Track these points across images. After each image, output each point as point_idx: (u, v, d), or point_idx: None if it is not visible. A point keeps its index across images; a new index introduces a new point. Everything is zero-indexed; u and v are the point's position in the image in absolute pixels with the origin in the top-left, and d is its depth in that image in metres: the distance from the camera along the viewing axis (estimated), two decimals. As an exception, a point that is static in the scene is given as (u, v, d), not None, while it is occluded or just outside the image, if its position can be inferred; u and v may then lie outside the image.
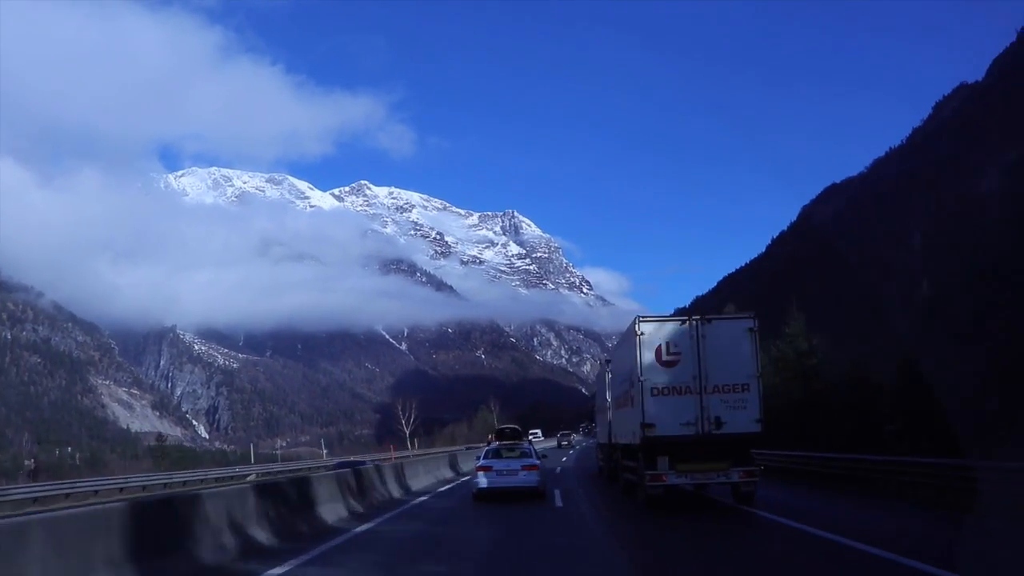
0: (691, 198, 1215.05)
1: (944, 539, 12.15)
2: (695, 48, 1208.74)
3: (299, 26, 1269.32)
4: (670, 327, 17.32)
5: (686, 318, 17.38)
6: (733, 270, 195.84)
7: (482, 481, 22.18)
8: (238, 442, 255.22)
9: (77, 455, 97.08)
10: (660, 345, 17.11)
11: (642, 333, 17.21)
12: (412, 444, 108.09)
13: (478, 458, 24.53)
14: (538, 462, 23.09)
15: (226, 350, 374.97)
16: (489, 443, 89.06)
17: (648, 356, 17.06)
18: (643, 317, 17.47)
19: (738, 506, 17.83)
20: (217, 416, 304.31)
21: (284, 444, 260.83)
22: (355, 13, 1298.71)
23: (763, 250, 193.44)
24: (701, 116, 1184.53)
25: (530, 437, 79.42)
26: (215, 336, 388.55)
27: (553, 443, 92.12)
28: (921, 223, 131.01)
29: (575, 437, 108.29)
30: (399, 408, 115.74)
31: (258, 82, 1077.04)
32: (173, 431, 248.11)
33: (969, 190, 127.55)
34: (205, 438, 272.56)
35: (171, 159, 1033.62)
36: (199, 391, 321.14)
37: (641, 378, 16.94)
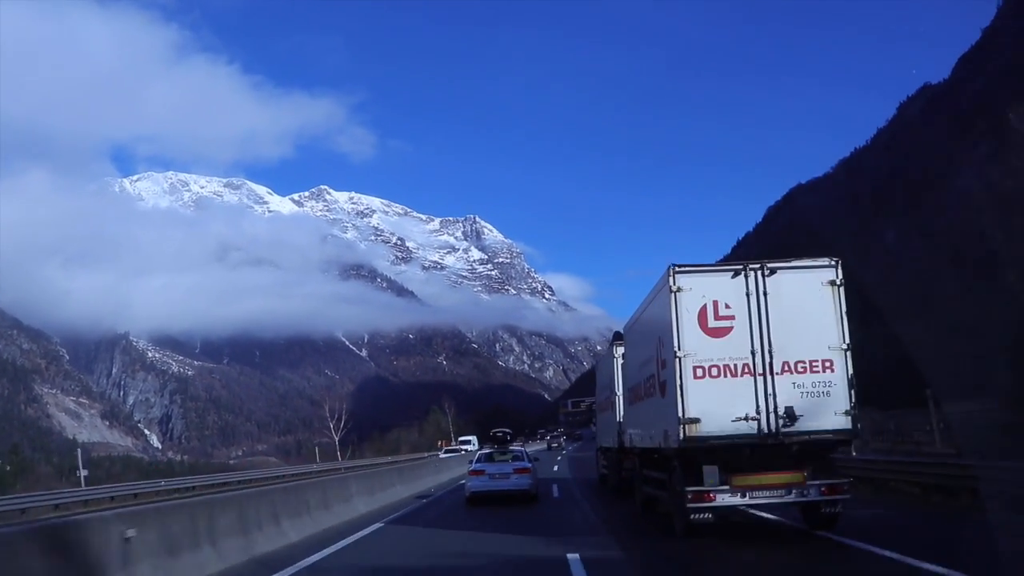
0: (653, 202, 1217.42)
1: None
2: (655, 51, 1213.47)
3: (256, 25, 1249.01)
4: (718, 280, 12.28)
5: (741, 266, 12.37)
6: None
7: (474, 485, 22.35)
8: (192, 452, 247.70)
9: (7, 467, 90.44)
10: (705, 306, 12.15)
11: (679, 288, 12.11)
12: (343, 454, 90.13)
13: (470, 462, 24.57)
14: (530, 465, 23.11)
15: (181, 357, 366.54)
16: (439, 448, 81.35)
17: (688, 321, 11.99)
18: (680, 266, 12.35)
19: (815, 533, 12.86)
20: (170, 425, 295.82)
21: (240, 454, 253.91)
22: (313, 12, 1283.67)
23: (728, 251, 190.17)
24: (662, 120, 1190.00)
25: (463, 447, 73.67)
26: (170, 343, 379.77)
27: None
28: (894, 220, 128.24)
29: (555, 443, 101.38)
30: (326, 409, 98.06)
31: (214, 82, 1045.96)
32: (124, 441, 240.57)
33: (942, 187, 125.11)
34: (158, 448, 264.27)
35: (124, 161, 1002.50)
36: (152, 399, 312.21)
37: (678, 353, 11.93)
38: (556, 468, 44.70)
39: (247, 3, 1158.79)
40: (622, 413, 21.16)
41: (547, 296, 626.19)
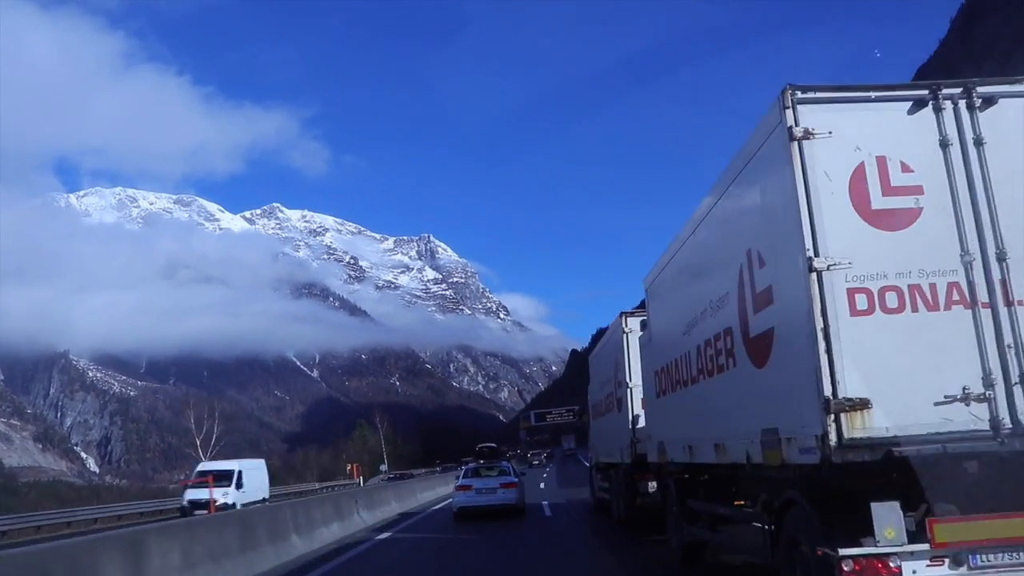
0: (609, 223, 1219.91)
1: None
2: (612, 71, 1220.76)
3: (206, 35, 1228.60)
4: (886, 118, 6.05)
5: (927, 90, 6.08)
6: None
7: (462, 500, 22.55)
8: (131, 476, 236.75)
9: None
10: (862, 167, 5.90)
11: (808, 133, 5.91)
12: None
13: (457, 477, 24.96)
14: (517, 480, 23.24)
15: (124, 377, 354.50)
16: (350, 475, 67.07)
17: (832, 197, 5.85)
18: (805, 89, 5.99)
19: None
20: (109, 448, 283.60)
21: (183, 477, 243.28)
22: (265, 23, 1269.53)
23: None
24: (618, 141, 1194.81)
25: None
26: (113, 362, 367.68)
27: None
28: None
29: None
30: (190, 419, 76.15)
31: (163, 93, 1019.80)
32: (57, 465, 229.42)
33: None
34: (95, 472, 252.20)
35: (68, 173, 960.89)
36: (91, 421, 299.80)
37: (817, 261, 5.66)
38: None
39: (196, 12, 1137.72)
40: (635, 412, 15.03)
41: (502, 316, 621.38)
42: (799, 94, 5.99)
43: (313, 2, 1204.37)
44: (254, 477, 36.45)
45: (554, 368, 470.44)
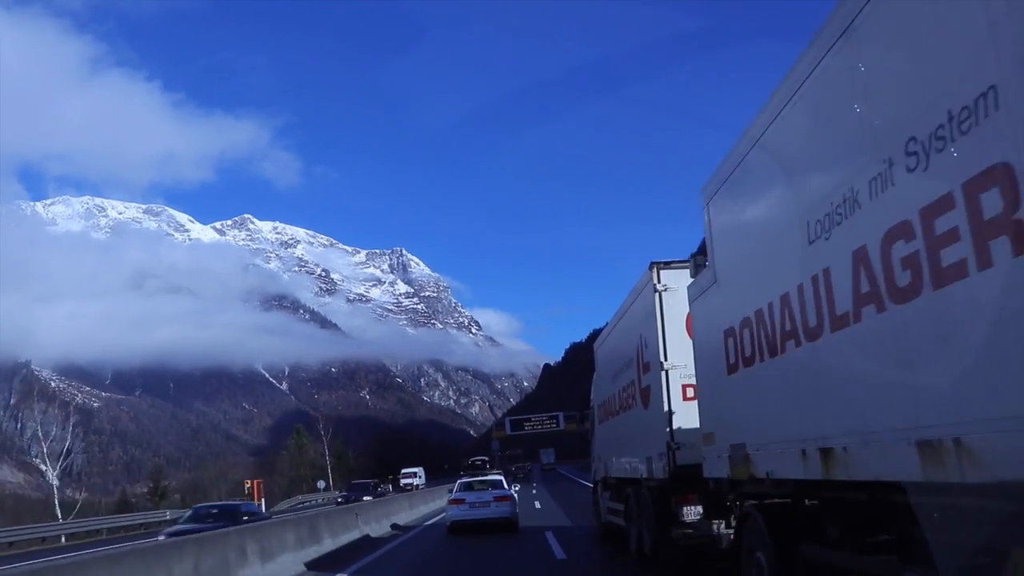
0: (581, 240, 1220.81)
1: None
2: (581, 87, 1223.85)
3: (177, 40, 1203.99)
4: None
5: None
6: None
7: (455, 514, 22.47)
8: (93, 489, 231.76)
9: None
10: None
11: None
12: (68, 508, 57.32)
13: (451, 491, 25.00)
14: (510, 493, 23.32)
15: (88, 388, 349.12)
16: (248, 498, 63.52)
17: None
18: None
19: None
20: (70, 460, 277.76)
21: (145, 491, 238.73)
22: (237, 31, 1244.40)
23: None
24: (590, 157, 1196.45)
25: None
26: (77, 373, 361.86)
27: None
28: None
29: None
30: (36, 426, 59.98)
31: (132, 99, 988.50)
32: (14, 477, 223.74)
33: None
34: (54, 485, 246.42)
35: (34, 180, 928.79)
36: (53, 432, 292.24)
37: None
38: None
39: (166, 17, 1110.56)
40: (673, 407, 11.10)
41: (474, 331, 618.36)
42: None
43: (284, 10, 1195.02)
44: None
45: (526, 384, 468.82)
